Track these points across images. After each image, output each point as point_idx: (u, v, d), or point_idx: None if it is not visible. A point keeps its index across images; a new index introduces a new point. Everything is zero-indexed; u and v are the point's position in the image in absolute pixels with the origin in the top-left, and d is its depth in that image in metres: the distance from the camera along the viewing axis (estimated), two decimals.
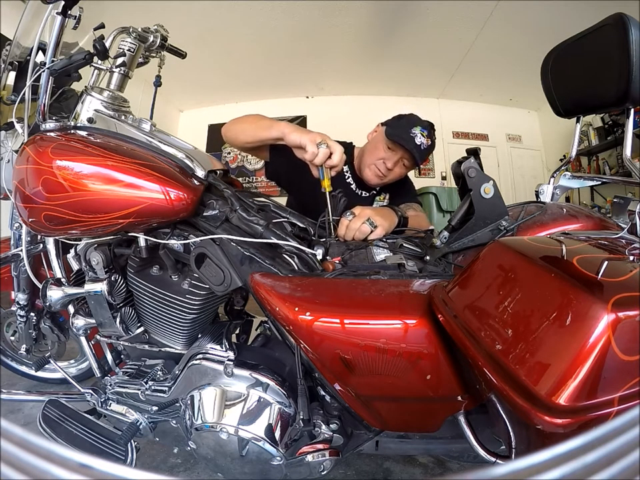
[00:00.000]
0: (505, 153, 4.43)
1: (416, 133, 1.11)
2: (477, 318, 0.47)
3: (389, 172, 1.17)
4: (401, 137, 1.11)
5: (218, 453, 0.74)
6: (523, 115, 4.47)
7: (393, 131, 1.14)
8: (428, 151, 1.14)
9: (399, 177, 1.22)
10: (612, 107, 0.83)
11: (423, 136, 1.11)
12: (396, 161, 1.16)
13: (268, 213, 0.85)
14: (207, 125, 4.56)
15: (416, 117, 1.18)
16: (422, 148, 1.11)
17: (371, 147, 1.21)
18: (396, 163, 1.16)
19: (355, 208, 0.86)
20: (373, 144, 1.20)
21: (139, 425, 0.82)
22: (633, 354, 0.35)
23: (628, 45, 0.70)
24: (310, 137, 0.84)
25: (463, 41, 3.18)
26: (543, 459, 0.18)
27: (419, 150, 1.11)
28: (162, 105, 4.08)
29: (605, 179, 1.15)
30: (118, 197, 0.65)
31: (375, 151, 1.18)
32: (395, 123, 1.18)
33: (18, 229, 0.95)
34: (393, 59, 3.46)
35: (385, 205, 1.23)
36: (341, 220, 0.84)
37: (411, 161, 1.15)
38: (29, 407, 1.26)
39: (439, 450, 0.81)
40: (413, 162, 1.16)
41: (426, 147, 1.12)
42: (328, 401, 0.73)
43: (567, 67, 0.89)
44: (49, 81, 0.74)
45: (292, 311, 0.61)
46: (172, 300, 0.75)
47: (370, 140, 1.24)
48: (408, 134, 1.11)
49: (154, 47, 0.94)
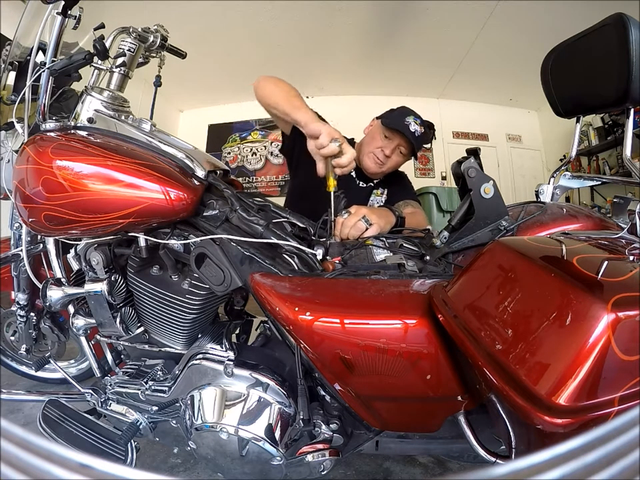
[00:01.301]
0: (505, 153, 4.42)
1: (410, 122, 1.17)
2: (477, 318, 0.47)
3: (387, 159, 1.23)
4: (396, 124, 1.17)
5: (218, 452, 0.74)
6: (522, 115, 4.47)
7: (389, 120, 1.20)
8: (422, 139, 1.20)
9: (396, 165, 1.27)
10: (612, 106, 0.83)
11: (416, 124, 1.17)
12: (393, 149, 1.21)
13: (268, 213, 0.84)
14: (207, 125, 4.56)
15: (408, 109, 1.24)
16: (416, 135, 1.17)
17: (368, 138, 1.27)
18: (393, 150, 1.21)
19: (352, 207, 0.88)
20: (370, 135, 1.27)
21: (139, 425, 0.82)
22: (633, 354, 0.35)
23: (628, 45, 0.70)
24: (329, 130, 0.84)
25: (463, 41, 3.18)
26: (543, 459, 0.18)
27: (414, 137, 1.17)
28: (162, 104, 4.08)
29: (605, 179, 1.15)
30: (118, 197, 0.65)
31: (372, 141, 1.24)
32: (389, 114, 1.25)
33: (18, 229, 0.95)
34: (393, 58, 3.46)
35: (382, 205, 1.25)
36: (337, 218, 0.86)
37: (408, 148, 1.21)
38: (29, 407, 1.26)
39: (439, 450, 0.81)
40: (409, 149, 1.21)
41: (420, 135, 1.18)
42: (328, 401, 0.73)
43: (566, 67, 0.89)
44: (49, 81, 0.74)
45: (292, 311, 0.61)
46: (172, 300, 0.74)
47: (367, 133, 1.30)
48: (402, 122, 1.17)
49: (154, 47, 0.94)
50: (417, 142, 1.18)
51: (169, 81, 1.12)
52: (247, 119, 4.50)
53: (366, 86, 4.01)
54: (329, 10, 2.80)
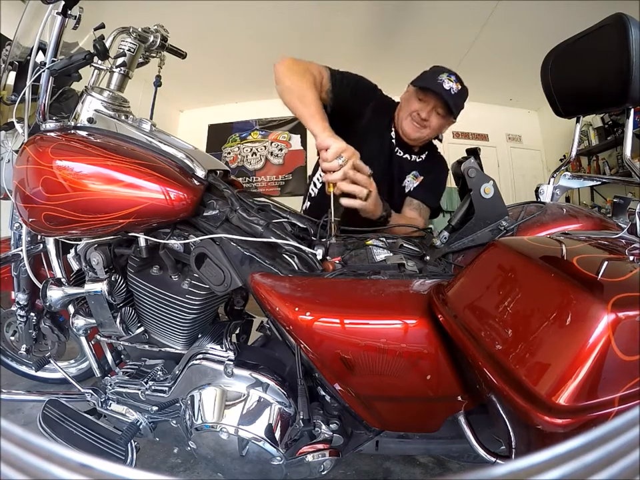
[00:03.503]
0: (505, 153, 4.42)
1: (443, 79, 1.09)
2: (477, 318, 0.47)
3: (425, 122, 1.15)
4: (429, 83, 1.10)
5: (218, 452, 0.74)
6: (522, 115, 4.47)
7: (420, 81, 1.14)
8: (460, 96, 1.12)
9: (438, 128, 1.19)
10: (612, 107, 0.83)
11: (450, 81, 1.09)
12: (429, 111, 1.14)
13: (268, 213, 0.84)
14: (207, 125, 4.56)
15: (441, 67, 1.16)
16: (452, 92, 1.09)
17: (404, 104, 1.21)
18: (430, 112, 1.14)
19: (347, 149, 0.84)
20: (405, 100, 1.21)
21: (139, 424, 0.82)
22: (633, 354, 0.35)
23: (628, 45, 0.70)
24: (338, 146, 0.82)
25: (463, 40, 3.18)
26: (543, 458, 0.18)
27: (449, 95, 1.08)
28: (162, 104, 4.08)
29: (605, 179, 1.15)
30: (118, 197, 0.65)
31: (407, 105, 1.19)
32: (422, 75, 1.18)
33: (18, 229, 0.95)
34: (393, 58, 3.46)
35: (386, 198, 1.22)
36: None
37: (444, 107, 1.13)
38: (29, 407, 1.26)
39: (439, 450, 0.81)
40: (446, 108, 1.13)
41: (456, 92, 1.10)
42: (328, 401, 0.73)
43: (566, 67, 0.89)
44: (49, 81, 0.74)
45: (292, 311, 0.61)
46: (172, 300, 0.74)
47: (402, 99, 1.25)
48: (435, 81, 1.09)
49: (154, 47, 0.94)
50: (454, 100, 1.09)
51: (168, 81, 1.12)
52: (247, 119, 4.50)
53: None
54: (329, 10, 2.80)
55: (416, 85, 1.14)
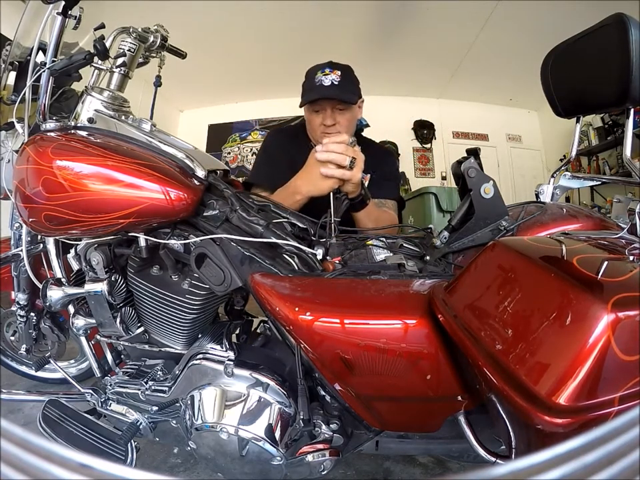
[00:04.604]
0: (505, 153, 4.42)
1: (320, 79, 1.07)
2: (477, 318, 0.47)
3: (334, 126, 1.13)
4: (308, 94, 1.09)
5: (218, 452, 0.74)
6: (522, 115, 4.46)
7: (302, 98, 1.12)
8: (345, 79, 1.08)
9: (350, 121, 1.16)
10: (612, 107, 0.83)
11: (327, 74, 1.06)
12: (329, 115, 1.11)
13: (268, 213, 0.84)
14: (207, 125, 4.56)
15: (314, 66, 1.14)
16: (335, 83, 1.06)
17: (308, 125, 1.21)
18: (331, 116, 1.12)
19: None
20: (308, 121, 1.20)
21: (139, 424, 0.82)
22: (633, 354, 0.35)
23: (628, 44, 0.70)
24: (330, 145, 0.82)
25: (463, 41, 3.18)
26: (543, 458, 0.18)
27: (334, 89, 1.05)
28: (162, 104, 4.08)
29: (605, 179, 1.15)
30: (118, 197, 0.65)
31: (311, 124, 1.18)
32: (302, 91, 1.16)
33: (18, 229, 0.95)
34: (393, 58, 3.46)
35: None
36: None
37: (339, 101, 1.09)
38: (29, 407, 1.26)
39: (439, 450, 0.81)
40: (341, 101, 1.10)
41: (339, 79, 1.06)
42: (328, 401, 0.73)
43: (566, 67, 0.89)
44: (49, 81, 0.74)
45: (292, 311, 0.61)
46: (172, 300, 0.74)
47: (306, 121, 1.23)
48: (314, 86, 1.07)
49: (154, 47, 0.93)
50: (341, 89, 1.05)
51: (168, 81, 1.12)
52: (247, 119, 4.50)
53: (366, 86, 3.98)
54: (329, 10, 2.80)
55: (303, 104, 1.13)
